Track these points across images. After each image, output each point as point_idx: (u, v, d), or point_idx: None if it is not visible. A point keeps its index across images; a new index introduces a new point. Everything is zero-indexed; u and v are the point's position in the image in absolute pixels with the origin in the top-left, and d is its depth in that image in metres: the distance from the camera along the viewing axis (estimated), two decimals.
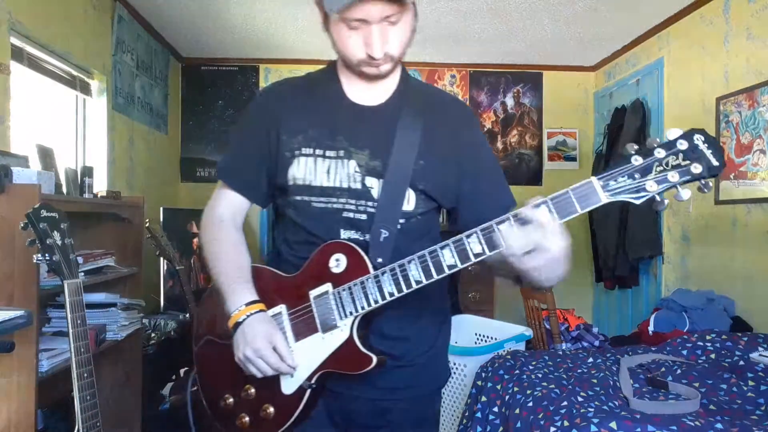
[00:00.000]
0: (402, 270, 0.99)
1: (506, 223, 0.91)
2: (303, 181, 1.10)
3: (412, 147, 1.09)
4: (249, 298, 1.07)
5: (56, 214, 1.45)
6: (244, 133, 1.20)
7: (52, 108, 2.96)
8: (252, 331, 1.03)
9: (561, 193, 0.89)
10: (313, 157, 1.09)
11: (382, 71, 1.06)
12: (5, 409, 1.72)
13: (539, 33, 3.95)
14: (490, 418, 1.91)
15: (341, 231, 1.09)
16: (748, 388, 1.79)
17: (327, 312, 1.04)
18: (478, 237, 0.93)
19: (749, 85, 2.92)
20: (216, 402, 1.14)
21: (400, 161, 1.08)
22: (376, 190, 1.08)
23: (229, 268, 1.11)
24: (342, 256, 1.05)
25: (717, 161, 0.84)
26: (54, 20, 2.69)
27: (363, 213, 1.09)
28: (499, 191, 1.17)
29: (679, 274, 3.56)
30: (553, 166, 4.80)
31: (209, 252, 1.15)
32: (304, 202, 1.11)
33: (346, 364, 1.04)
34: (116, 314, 2.40)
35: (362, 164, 1.08)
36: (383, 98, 1.14)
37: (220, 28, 3.89)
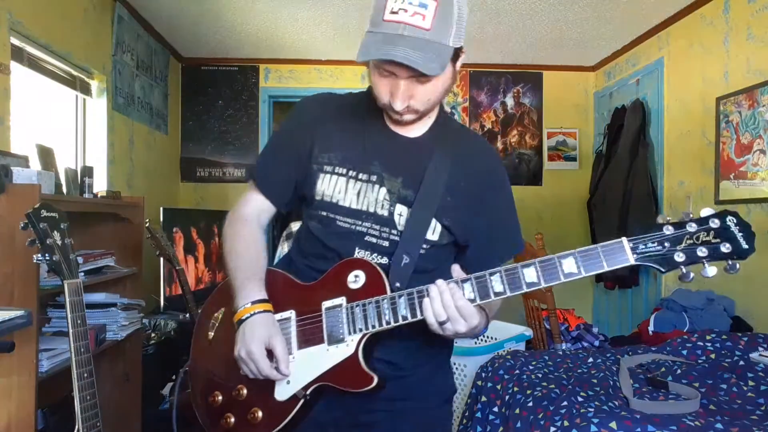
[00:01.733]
0: (420, 296, 0.99)
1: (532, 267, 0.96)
2: (331, 198, 1.12)
3: (441, 182, 1.11)
4: (257, 297, 1.07)
5: (56, 214, 1.45)
6: (281, 139, 1.22)
7: (52, 108, 2.96)
8: (251, 332, 1.03)
9: (590, 248, 0.93)
10: (346, 178, 1.11)
11: (404, 120, 1.08)
12: (5, 409, 1.72)
13: (539, 33, 3.95)
14: (490, 418, 1.91)
15: (356, 249, 1.11)
16: (748, 388, 1.79)
17: (336, 325, 1.05)
18: (502, 277, 0.96)
19: (749, 85, 2.92)
20: (204, 398, 1.13)
21: (429, 193, 1.10)
22: (403, 218, 1.10)
23: (244, 265, 1.12)
24: (362, 273, 1.06)
25: (747, 245, 0.87)
26: (54, 20, 2.69)
27: (386, 240, 1.11)
28: (510, 237, 1.21)
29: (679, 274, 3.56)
30: (553, 166, 4.80)
31: (228, 246, 1.16)
32: (329, 218, 1.12)
33: (346, 380, 1.03)
34: (116, 314, 2.40)
35: (394, 191, 1.10)
36: (421, 131, 1.16)
37: (220, 28, 3.89)
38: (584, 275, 0.91)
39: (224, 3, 3.44)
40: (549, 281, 0.95)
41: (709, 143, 3.27)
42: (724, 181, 3.11)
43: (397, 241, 1.10)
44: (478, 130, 4.75)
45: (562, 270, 0.94)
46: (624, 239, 0.91)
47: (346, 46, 4.23)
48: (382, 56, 0.95)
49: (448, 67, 1.01)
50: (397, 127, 1.14)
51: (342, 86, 4.62)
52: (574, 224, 4.75)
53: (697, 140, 3.39)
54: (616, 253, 0.92)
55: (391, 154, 1.13)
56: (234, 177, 4.61)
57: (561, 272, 0.94)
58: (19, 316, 1.37)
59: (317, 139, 1.14)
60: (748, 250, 0.87)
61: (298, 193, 1.18)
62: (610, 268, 0.91)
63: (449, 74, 1.04)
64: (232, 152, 4.62)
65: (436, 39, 0.96)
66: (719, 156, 3.16)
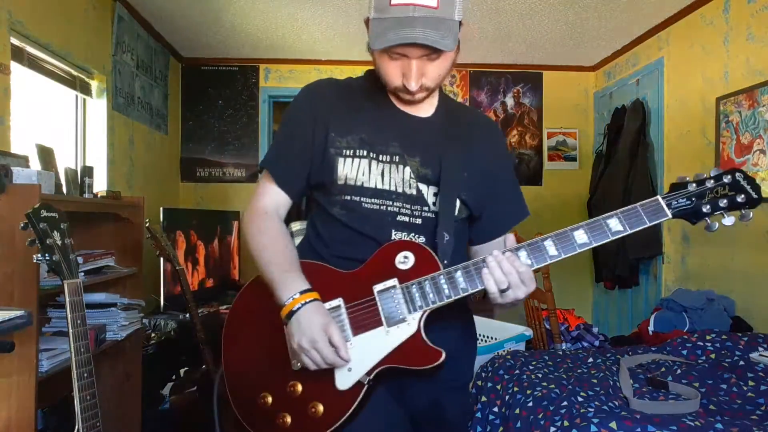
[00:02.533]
0: (476, 268, 1.03)
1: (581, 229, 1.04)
2: (355, 181, 1.11)
3: (458, 159, 1.15)
4: (303, 287, 1.05)
5: (56, 214, 1.45)
6: (291, 128, 1.20)
7: (52, 108, 2.96)
8: (308, 320, 1.01)
9: (630, 208, 1.02)
10: (368, 159, 1.11)
11: (416, 99, 1.11)
12: (5, 409, 1.72)
13: (539, 33, 3.95)
14: (490, 418, 1.91)
15: (393, 232, 1.11)
16: (748, 388, 1.79)
17: (393, 306, 1.04)
18: (554, 241, 1.03)
19: (749, 85, 2.92)
20: (250, 402, 1.09)
21: (451, 171, 1.13)
22: (428, 197, 1.13)
23: (279, 258, 1.09)
24: (410, 253, 1.06)
25: (756, 195, 1.02)
26: (54, 20, 2.69)
27: (419, 218, 1.13)
28: (517, 204, 1.28)
29: (679, 274, 3.56)
30: (553, 166, 4.80)
31: (256, 243, 1.13)
32: (354, 202, 1.12)
33: (413, 358, 1.02)
34: (116, 314, 2.40)
35: (414, 171, 1.12)
36: (430, 111, 1.19)
37: (220, 28, 3.89)
38: (630, 231, 1.01)
39: (224, 3, 3.44)
40: (599, 240, 1.03)
41: (709, 143, 3.27)
42: None
43: (430, 218, 1.12)
44: None
45: (609, 229, 1.02)
46: (659, 197, 1.02)
47: (346, 46, 4.23)
48: (403, 40, 0.97)
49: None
50: (407, 108, 1.16)
51: None
52: (574, 224, 4.74)
53: (697, 140, 3.39)
54: (655, 210, 1.02)
55: (408, 134, 1.14)
56: (234, 177, 4.61)
57: (609, 231, 1.02)
58: (19, 316, 1.37)
59: (331, 124, 1.13)
60: (759, 199, 1.01)
61: (313, 181, 1.17)
62: (651, 223, 1.01)
63: (455, 51, 1.07)
64: (232, 152, 4.62)
65: (445, 15, 0.99)
66: (719, 156, 3.16)
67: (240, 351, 1.15)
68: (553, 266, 2.39)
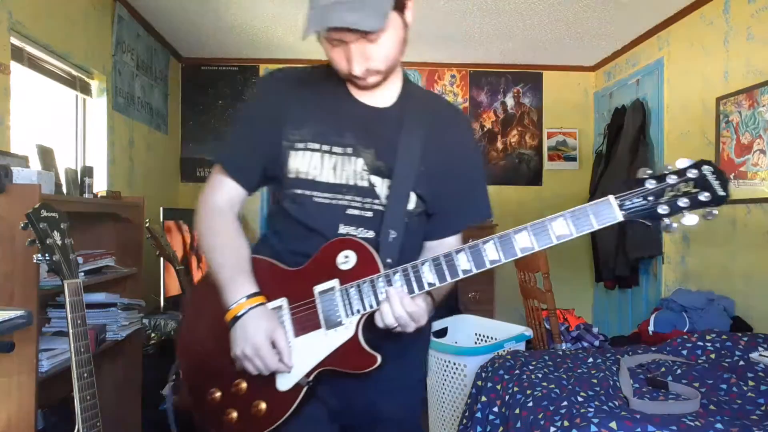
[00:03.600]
0: (415, 271, 1.00)
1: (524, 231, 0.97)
2: (307, 175, 1.09)
3: (415, 152, 1.11)
4: (249, 291, 1.04)
5: (56, 214, 1.45)
6: (247, 120, 1.17)
7: (52, 108, 2.96)
8: (252, 327, 1.01)
9: (579, 208, 0.94)
10: (320, 153, 1.09)
11: (369, 83, 1.07)
12: (5, 409, 1.72)
13: (539, 33, 3.95)
14: (490, 418, 1.91)
15: (340, 226, 1.08)
16: (748, 388, 1.79)
17: (332, 308, 1.03)
18: (495, 243, 0.97)
19: (749, 85, 2.92)
20: (201, 396, 1.10)
21: (406, 164, 1.10)
22: (380, 189, 1.10)
23: (229, 260, 1.08)
24: (351, 252, 1.03)
25: (723, 191, 0.91)
26: (54, 20, 2.69)
27: (369, 210, 1.10)
28: (478, 202, 1.23)
29: (679, 274, 3.56)
30: (553, 166, 4.80)
31: (207, 243, 1.11)
32: (305, 196, 1.10)
33: (349, 362, 1.02)
34: (116, 314, 2.40)
35: (368, 163, 1.10)
36: (389, 101, 1.15)
37: (220, 28, 3.89)
38: (576, 235, 0.93)
39: (224, 3, 3.43)
40: (543, 244, 0.95)
41: (709, 143, 3.27)
42: None
43: (380, 212, 1.09)
44: (478, 130, 4.75)
45: (554, 232, 0.94)
46: (611, 197, 0.93)
47: None
48: (318, 26, 0.97)
49: (395, 19, 1.02)
50: (365, 97, 1.13)
51: None
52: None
53: (697, 140, 3.39)
54: (604, 210, 0.93)
55: (363, 125, 1.11)
56: None
57: (553, 234, 0.94)
58: (19, 316, 1.37)
59: (288, 116, 1.11)
60: (725, 197, 0.91)
61: (269, 174, 1.14)
62: (600, 226, 0.93)
63: (398, 26, 1.04)
64: None
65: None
66: (719, 156, 3.16)
67: (193, 346, 1.15)
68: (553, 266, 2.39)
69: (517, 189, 4.71)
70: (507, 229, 0.98)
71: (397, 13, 1.02)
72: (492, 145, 4.76)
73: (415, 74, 4.70)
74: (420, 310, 1.01)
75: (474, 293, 4.14)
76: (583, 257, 4.74)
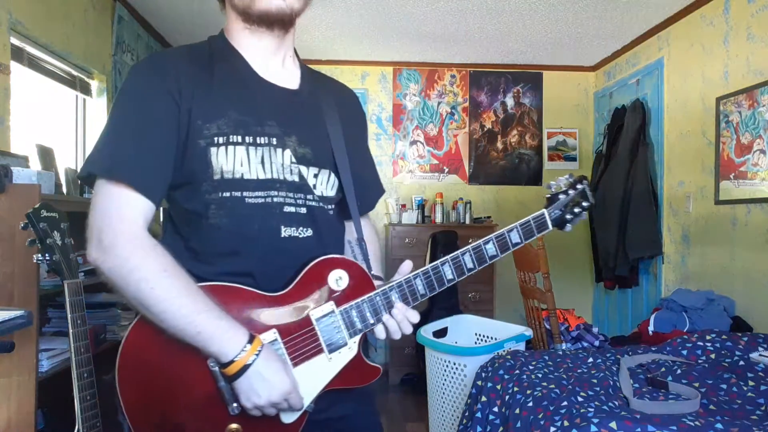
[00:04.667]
0: (409, 285, 1.03)
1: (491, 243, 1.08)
2: (233, 174, 0.93)
3: (340, 135, 1.07)
4: (245, 334, 0.89)
5: (56, 214, 1.45)
6: (140, 117, 0.92)
7: (52, 108, 2.96)
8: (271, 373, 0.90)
9: (524, 222, 1.10)
10: (244, 146, 0.94)
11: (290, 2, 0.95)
12: (5, 409, 1.72)
13: (539, 33, 3.95)
14: (490, 418, 1.91)
15: (282, 228, 0.97)
16: (748, 388, 1.79)
17: (334, 332, 0.99)
18: (471, 255, 1.06)
19: (749, 85, 2.92)
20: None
21: (339, 150, 1.06)
22: (311, 181, 1.02)
23: (202, 304, 0.88)
24: (343, 272, 1.00)
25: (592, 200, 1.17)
26: (54, 20, 2.69)
27: (303, 207, 1.00)
28: (377, 181, 1.26)
29: (679, 274, 3.56)
30: (553, 166, 4.80)
31: (161, 288, 0.86)
32: (234, 198, 0.94)
33: (354, 379, 1.02)
34: (116, 314, 2.40)
35: (293, 152, 0.99)
36: (296, 81, 1.06)
37: (221, 29, 3.89)
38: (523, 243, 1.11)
39: None
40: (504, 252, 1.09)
41: (709, 143, 3.27)
42: (724, 181, 3.11)
43: (314, 207, 1.01)
44: (478, 130, 4.75)
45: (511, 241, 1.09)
46: (545, 211, 1.13)
47: (346, 46, 4.23)
48: None
49: None
50: (275, 79, 1.02)
51: None
52: None
53: (697, 140, 3.39)
54: (544, 223, 1.12)
55: (282, 109, 1.00)
56: None
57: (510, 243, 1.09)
58: (19, 316, 1.37)
59: (194, 106, 0.93)
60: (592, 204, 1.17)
61: (175, 181, 0.95)
62: (538, 234, 1.12)
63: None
64: None
65: None
66: (719, 156, 3.16)
67: (151, 403, 0.93)
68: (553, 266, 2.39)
69: (517, 189, 4.70)
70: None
71: None
72: (492, 145, 4.76)
73: (415, 74, 4.70)
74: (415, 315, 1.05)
75: (474, 293, 4.14)
76: (583, 257, 4.74)
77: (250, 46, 1.01)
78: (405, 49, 4.36)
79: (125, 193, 0.89)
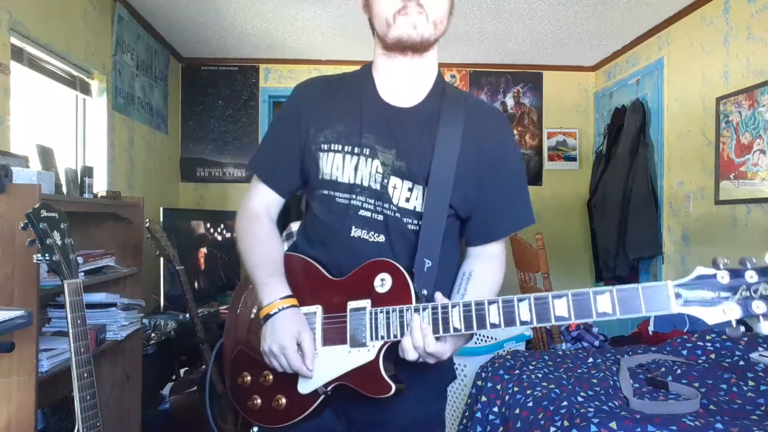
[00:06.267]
0: (444, 312, 0.96)
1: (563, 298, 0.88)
2: (330, 176, 1.11)
3: (451, 154, 1.07)
4: (284, 293, 1.08)
5: (56, 214, 1.45)
6: (277, 127, 1.21)
7: (52, 108, 2.96)
8: (281, 326, 1.04)
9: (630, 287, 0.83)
10: (342, 153, 1.10)
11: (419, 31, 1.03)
12: (5, 409, 1.72)
13: (539, 33, 3.95)
14: (490, 418, 1.91)
15: (352, 228, 1.10)
16: (748, 388, 1.79)
17: (359, 328, 1.03)
18: (530, 304, 0.90)
19: (749, 85, 2.92)
20: (235, 377, 1.17)
21: (442, 168, 1.06)
22: (398, 192, 1.08)
23: (263, 261, 1.12)
24: (388, 276, 1.02)
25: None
26: (54, 20, 2.69)
27: (380, 214, 1.09)
28: (516, 209, 1.17)
29: (679, 274, 3.55)
30: (553, 166, 4.81)
31: (244, 245, 1.16)
32: (329, 196, 1.12)
33: (365, 384, 1.02)
34: (116, 314, 2.40)
35: (387, 164, 1.08)
36: (418, 99, 1.12)
37: (220, 28, 3.89)
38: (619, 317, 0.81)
39: (224, 3, 3.43)
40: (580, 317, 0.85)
41: (709, 143, 3.27)
42: (724, 181, 3.11)
43: (391, 216, 1.08)
44: None
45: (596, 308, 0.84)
46: (669, 283, 0.80)
47: (346, 46, 4.23)
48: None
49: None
50: (390, 97, 1.12)
51: None
52: (574, 224, 4.76)
53: (697, 140, 3.39)
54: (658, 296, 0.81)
55: (384, 124, 1.10)
56: (234, 177, 4.61)
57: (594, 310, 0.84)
58: (19, 316, 1.37)
59: (312, 120, 1.14)
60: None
61: (304, 178, 1.18)
62: (648, 313, 0.81)
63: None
64: (232, 152, 4.62)
65: None
66: (719, 156, 3.16)
67: (234, 332, 1.23)
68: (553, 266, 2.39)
69: None
70: None
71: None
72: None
73: None
74: (442, 350, 0.97)
75: None
76: (583, 257, 4.74)
77: (383, 68, 1.14)
78: None
79: (255, 182, 1.22)
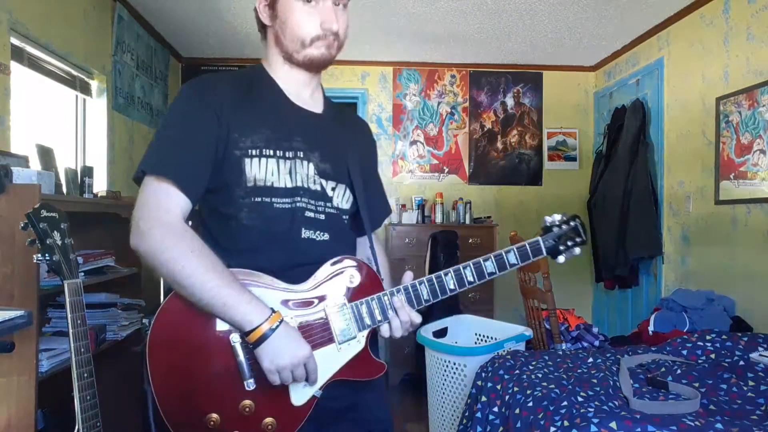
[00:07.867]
0: (414, 290, 1.14)
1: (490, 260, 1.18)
2: (265, 182, 1.08)
3: (355, 157, 1.23)
4: (266, 308, 1.01)
5: (56, 214, 1.45)
6: (188, 127, 1.06)
7: (52, 108, 2.96)
8: (290, 340, 1.00)
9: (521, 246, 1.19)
10: (275, 158, 1.10)
11: (332, 52, 1.16)
12: (5, 409, 1.72)
13: (539, 33, 3.95)
14: (490, 418, 1.91)
15: (302, 230, 1.12)
16: (748, 388, 1.79)
17: (345, 324, 1.09)
18: (471, 269, 1.16)
19: (749, 85, 2.92)
20: (195, 424, 1.01)
21: (355, 168, 1.21)
22: (330, 192, 1.17)
23: (225, 280, 0.99)
24: (356, 272, 1.12)
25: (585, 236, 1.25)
26: (54, 20, 2.69)
27: (322, 213, 1.15)
28: (385, 203, 1.41)
29: (679, 274, 3.56)
30: (553, 166, 4.80)
31: (188, 266, 0.98)
32: (265, 203, 1.08)
33: (361, 372, 1.11)
34: (116, 314, 2.41)
35: (315, 166, 1.15)
36: (320, 107, 1.23)
37: (220, 28, 3.89)
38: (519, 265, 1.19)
39: (224, 3, 3.44)
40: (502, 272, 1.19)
41: (709, 143, 3.27)
42: (724, 181, 3.11)
43: (332, 214, 1.17)
44: (478, 130, 4.75)
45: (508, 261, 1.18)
46: (540, 238, 1.22)
47: (346, 46, 4.21)
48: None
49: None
50: (302, 103, 1.19)
51: (342, 86, 4.63)
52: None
53: (697, 140, 3.39)
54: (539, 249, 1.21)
55: (308, 129, 1.16)
56: None
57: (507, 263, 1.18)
58: (19, 316, 1.37)
59: (232, 122, 1.07)
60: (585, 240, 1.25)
61: (212, 184, 1.07)
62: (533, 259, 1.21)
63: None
64: None
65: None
66: (719, 156, 3.16)
67: (174, 373, 1.02)
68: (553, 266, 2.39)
69: (517, 189, 4.70)
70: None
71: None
72: (492, 145, 4.76)
73: (415, 74, 4.71)
74: (419, 320, 1.14)
75: (474, 293, 4.14)
76: (583, 257, 4.74)
77: (286, 77, 1.18)
78: (405, 49, 4.36)
79: (165, 187, 1.03)
